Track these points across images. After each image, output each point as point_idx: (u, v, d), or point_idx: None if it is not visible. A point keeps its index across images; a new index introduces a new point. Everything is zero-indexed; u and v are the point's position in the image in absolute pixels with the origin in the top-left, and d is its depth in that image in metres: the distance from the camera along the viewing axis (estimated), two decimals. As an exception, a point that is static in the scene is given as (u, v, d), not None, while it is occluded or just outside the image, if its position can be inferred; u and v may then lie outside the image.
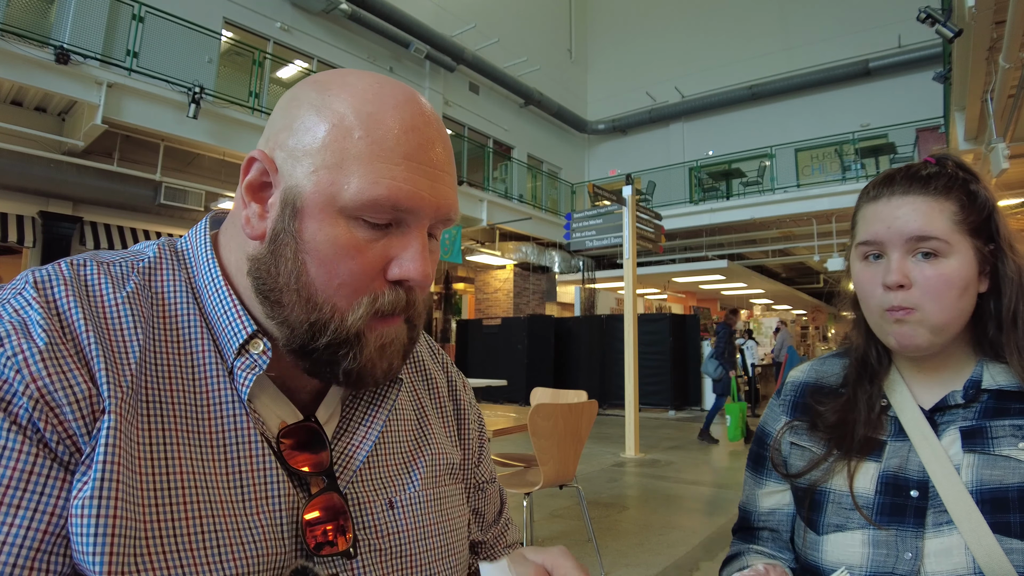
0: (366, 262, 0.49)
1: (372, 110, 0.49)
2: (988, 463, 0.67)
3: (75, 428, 0.42)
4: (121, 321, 0.47)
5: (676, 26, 17.57)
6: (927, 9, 5.15)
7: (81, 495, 0.40)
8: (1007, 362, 0.72)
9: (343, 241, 0.48)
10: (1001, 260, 0.73)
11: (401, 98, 0.50)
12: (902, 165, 0.77)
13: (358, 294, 0.49)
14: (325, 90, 0.50)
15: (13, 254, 8.63)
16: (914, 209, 0.71)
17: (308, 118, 0.49)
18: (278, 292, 0.49)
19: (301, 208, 0.48)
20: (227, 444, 0.48)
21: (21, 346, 0.42)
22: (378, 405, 0.59)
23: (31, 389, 0.41)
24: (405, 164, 0.48)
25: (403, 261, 0.50)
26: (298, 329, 0.49)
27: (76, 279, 0.48)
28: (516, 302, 14.38)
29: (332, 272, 0.48)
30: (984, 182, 0.74)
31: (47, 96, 7.44)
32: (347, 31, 11.66)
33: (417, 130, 0.49)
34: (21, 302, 0.45)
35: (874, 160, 11.97)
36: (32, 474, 0.40)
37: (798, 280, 18.91)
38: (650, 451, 6.94)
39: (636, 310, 7.06)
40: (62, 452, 0.42)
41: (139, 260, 0.53)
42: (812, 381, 0.85)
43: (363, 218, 0.48)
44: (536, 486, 2.86)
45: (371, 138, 0.48)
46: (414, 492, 0.59)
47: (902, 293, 0.70)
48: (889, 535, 0.69)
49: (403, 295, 0.51)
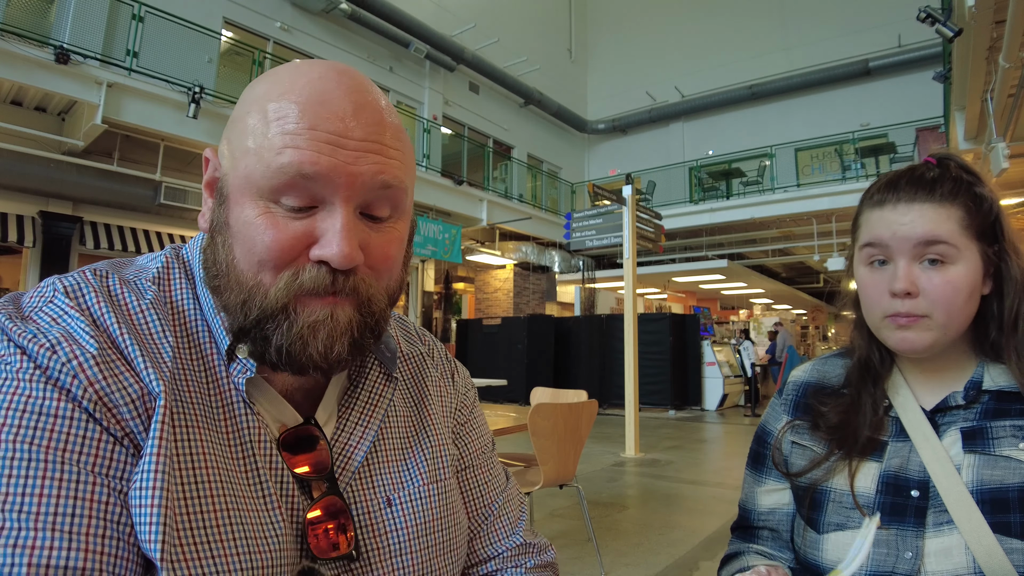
0: (283, 238, 0.47)
1: (284, 89, 0.48)
2: (988, 463, 0.67)
3: (133, 426, 0.44)
4: (150, 326, 0.49)
5: (676, 26, 17.57)
6: (927, 9, 5.15)
7: (136, 484, 0.42)
8: (1007, 363, 0.72)
9: (261, 220, 0.47)
10: (1005, 262, 0.72)
11: (316, 74, 0.49)
12: (904, 167, 0.76)
13: (279, 270, 0.48)
14: (256, 82, 0.52)
15: (13, 254, 8.63)
16: (921, 215, 0.70)
17: (239, 109, 0.51)
18: (218, 279, 0.50)
19: (228, 195, 0.49)
20: (243, 442, 0.50)
21: (75, 352, 0.43)
22: (374, 405, 0.59)
23: (90, 392, 0.43)
24: (309, 134, 0.47)
25: (323, 241, 0.48)
26: (235, 312, 0.49)
27: (103, 288, 0.50)
28: (516, 302, 14.38)
29: (252, 250, 0.48)
30: (988, 183, 0.74)
31: (47, 96, 7.43)
32: (347, 31, 11.66)
33: (327, 103, 0.48)
34: (56, 310, 0.47)
35: (874, 160, 11.98)
36: (112, 460, 0.43)
37: (798, 280, 18.91)
38: (650, 451, 6.94)
39: (636, 310, 7.06)
40: (128, 445, 0.44)
41: (149, 272, 0.54)
42: (814, 381, 0.85)
43: (281, 201, 0.47)
44: (536, 486, 2.86)
45: (279, 115, 0.47)
46: (413, 489, 0.59)
47: (910, 301, 0.70)
48: (890, 534, 0.69)
49: (326, 274, 0.48)
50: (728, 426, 9.53)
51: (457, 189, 12.03)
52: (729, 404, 11.91)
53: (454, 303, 14.89)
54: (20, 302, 0.48)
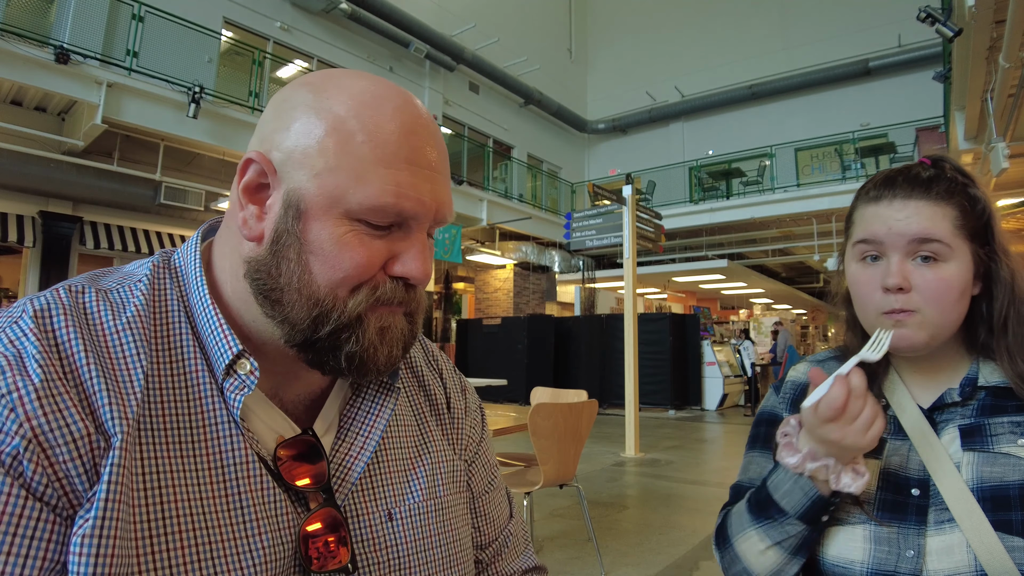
0: (369, 256, 0.49)
1: (372, 113, 0.49)
2: (988, 460, 0.68)
3: (69, 469, 0.41)
4: (124, 349, 0.47)
5: (676, 26, 17.57)
6: (927, 8, 5.15)
7: (80, 532, 0.40)
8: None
9: (348, 239, 0.48)
10: (995, 264, 0.73)
11: (399, 101, 0.51)
12: (899, 166, 0.77)
13: (359, 286, 0.50)
14: (321, 92, 0.50)
15: (13, 254, 8.63)
16: (917, 212, 0.71)
17: (306, 120, 0.49)
18: (279, 292, 0.49)
19: (305, 210, 0.48)
20: (224, 465, 0.48)
21: (16, 383, 0.41)
22: (376, 415, 0.58)
23: (24, 428, 0.40)
24: (408, 169, 0.49)
25: (405, 260, 0.51)
26: (300, 325, 0.49)
27: (75, 307, 0.47)
28: (516, 302, 14.38)
29: (336, 267, 0.49)
30: (981, 186, 0.74)
31: (47, 96, 7.43)
32: (347, 31, 11.66)
33: (416, 133, 0.50)
34: (17, 332, 0.44)
35: (874, 160, 11.98)
36: (22, 517, 0.39)
37: (798, 279, 18.91)
38: (650, 451, 6.94)
39: (636, 309, 7.06)
40: (50, 495, 0.40)
41: (136, 281, 0.52)
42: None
43: (366, 220, 0.49)
44: (536, 486, 2.86)
45: (374, 142, 0.48)
46: (414, 503, 0.58)
47: (902, 296, 0.70)
48: (891, 532, 0.69)
49: (402, 288, 0.52)
50: (728, 426, 9.53)
51: (457, 189, 12.02)
52: (729, 404, 11.92)
53: (454, 303, 14.89)
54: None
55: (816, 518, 0.70)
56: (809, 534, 0.71)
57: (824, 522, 0.72)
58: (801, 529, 0.71)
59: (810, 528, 0.71)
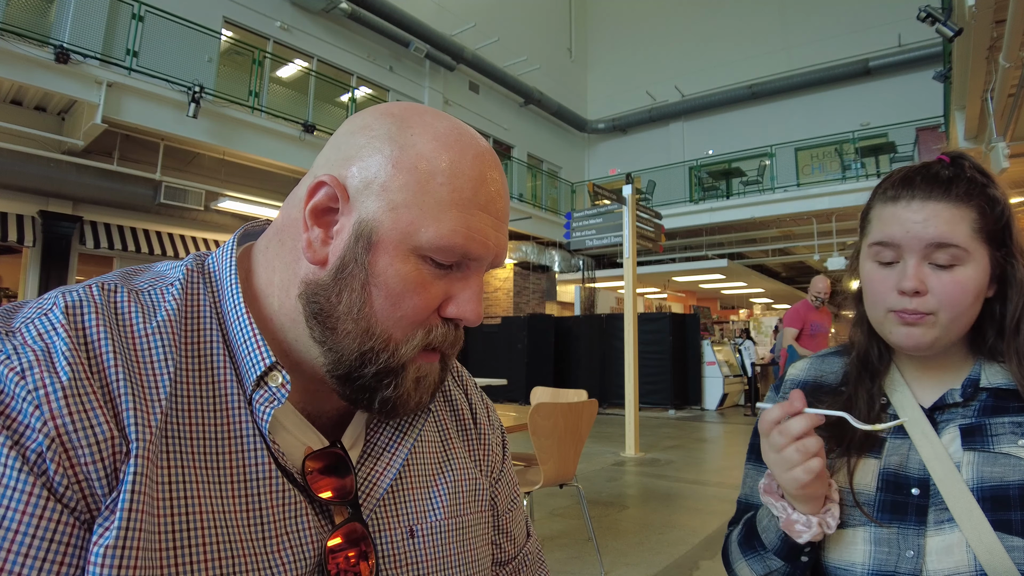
0: (429, 297, 0.50)
1: (454, 157, 0.50)
2: (988, 460, 0.67)
3: (91, 471, 0.40)
4: (152, 353, 0.46)
5: (676, 26, 17.56)
6: (927, 8, 5.15)
7: (103, 542, 0.39)
8: (1004, 364, 0.72)
9: (412, 277, 0.49)
10: (1011, 266, 0.72)
11: (479, 148, 0.52)
12: (918, 164, 0.75)
13: (415, 327, 0.51)
14: (405, 126, 0.50)
15: (13, 253, 8.63)
16: (935, 215, 0.69)
17: (388, 152, 0.49)
18: (335, 319, 0.49)
19: (376, 242, 0.49)
20: (248, 479, 0.47)
21: (43, 380, 0.40)
22: (404, 432, 0.58)
23: (48, 427, 0.39)
24: (480, 216, 0.50)
25: (461, 301, 0.52)
26: (347, 357, 0.50)
27: (107, 306, 0.46)
28: (516, 301, 14.38)
29: (397, 305, 0.49)
30: (1000, 185, 0.73)
31: (47, 95, 7.44)
32: (347, 30, 11.65)
33: (492, 182, 0.52)
34: (47, 325, 0.43)
35: (874, 159, 11.98)
36: (42, 519, 0.38)
37: (798, 279, 18.90)
38: (650, 450, 6.94)
39: (636, 309, 7.06)
40: (70, 497, 0.40)
41: (169, 284, 0.51)
42: (812, 379, 0.85)
43: (431, 258, 0.49)
44: (536, 485, 2.86)
45: (452, 186, 0.49)
46: (435, 520, 0.58)
47: (917, 299, 0.69)
48: (891, 533, 0.69)
49: (452, 331, 0.53)
50: (728, 426, 9.53)
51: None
52: (729, 404, 11.91)
53: (454, 303, 14.87)
54: (17, 312, 0.46)
55: (793, 556, 0.70)
56: (792, 570, 0.71)
57: (804, 563, 0.71)
58: (781, 565, 0.71)
59: (790, 565, 0.71)
